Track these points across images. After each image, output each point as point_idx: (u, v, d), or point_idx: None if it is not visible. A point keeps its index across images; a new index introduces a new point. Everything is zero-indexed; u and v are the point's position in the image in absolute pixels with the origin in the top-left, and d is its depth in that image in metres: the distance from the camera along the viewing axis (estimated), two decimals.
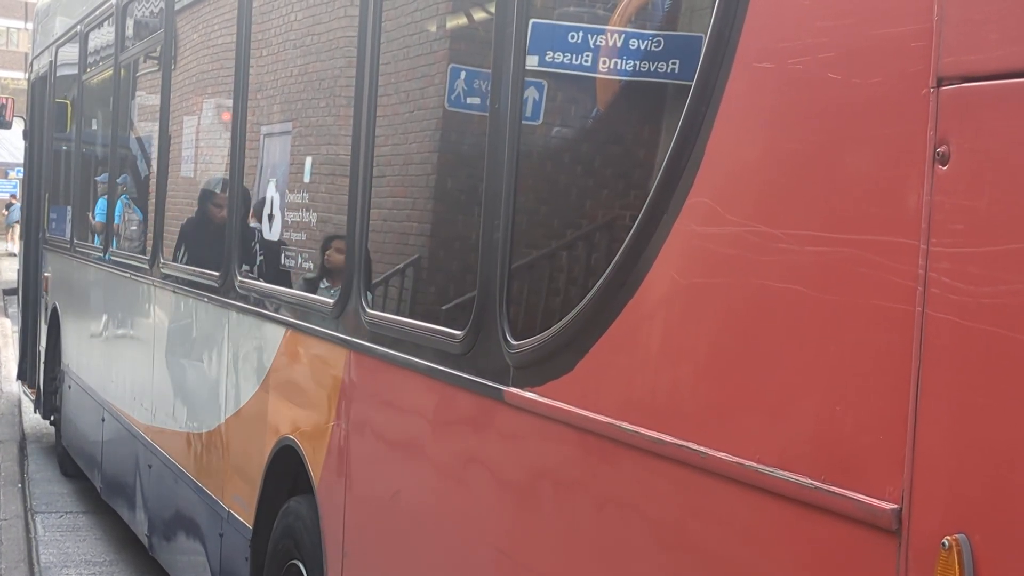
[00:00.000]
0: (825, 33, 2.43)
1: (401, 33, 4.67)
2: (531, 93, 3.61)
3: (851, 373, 2.31)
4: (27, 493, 10.24)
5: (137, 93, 8.99)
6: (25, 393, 13.30)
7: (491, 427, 3.66)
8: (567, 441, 3.22)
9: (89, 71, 10.34)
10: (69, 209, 10.87)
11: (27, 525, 9.15)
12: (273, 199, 5.80)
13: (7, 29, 65.68)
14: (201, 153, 7.34)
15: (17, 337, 14.89)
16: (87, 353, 9.94)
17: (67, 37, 11.10)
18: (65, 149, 11.58)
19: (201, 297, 6.65)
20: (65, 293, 11.03)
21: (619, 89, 3.54)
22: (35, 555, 8.51)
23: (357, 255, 4.62)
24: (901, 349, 2.17)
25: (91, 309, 9.92)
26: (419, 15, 4.66)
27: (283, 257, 5.64)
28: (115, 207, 9.17)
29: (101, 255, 9.24)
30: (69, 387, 10.51)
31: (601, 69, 3.53)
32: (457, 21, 4.52)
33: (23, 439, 12.38)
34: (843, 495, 2.28)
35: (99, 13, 9.73)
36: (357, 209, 4.66)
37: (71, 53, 10.89)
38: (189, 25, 7.58)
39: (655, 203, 2.87)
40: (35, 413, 12.45)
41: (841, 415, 2.32)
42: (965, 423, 2.07)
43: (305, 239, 5.47)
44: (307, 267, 5.41)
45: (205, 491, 6.39)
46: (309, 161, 5.63)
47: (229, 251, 6.18)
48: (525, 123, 3.61)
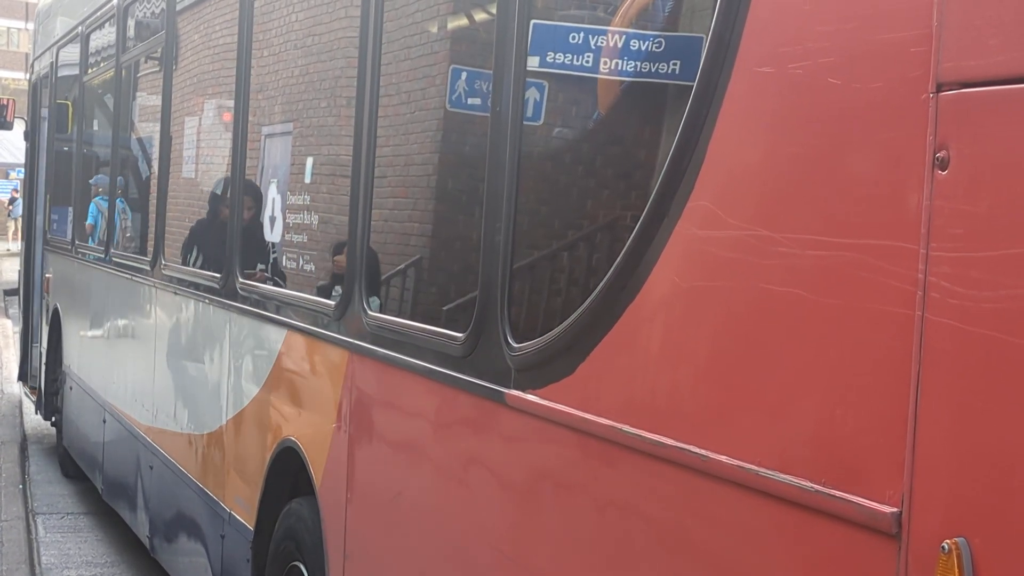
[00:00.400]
0: (825, 38, 2.44)
1: (402, 34, 4.68)
2: (532, 94, 3.61)
3: (851, 376, 2.31)
4: (28, 494, 10.24)
5: (138, 94, 8.99)
6: (26, 394, 13.30)
7: (492, 429, 3.67)
8: (568, 444, 3.22)
9: (90, 72, 10.34)
10: (70, 210, 10.87)
11: (28, 526, 9.15)
12: (274, 200, 5.81)
13: (7, 29, 65.68)
14: (202, 154, 7.34)
15: (18, 338, 14.89)
16: (88, 354, 9.94)
17: (68, 38, 11.10)
18: (66, 150, 11.59)
19: (202, 299, 6.66)
20: (66, 294, 11.04)
21: (620, 90, 3.55)
22: (36, 556, 8.51)
23: (358, 257, 4.63)
24: (901, 353, 2.18)
25: (92, 310, 9.93)
26: (420, 16, 4.67)
27: (285, 258, 5.65)
28: (114, 208, 9.18)
29: (102, 256, 9.24)
30: (70, 388, 10.51)
31: (602, 70, 3.53)
32: (458, 22, 4.52)
33: (24, 440, 12.39)
34: (843, 498, 2.29)
35: (100, 14, 9.73)
36: (358, 210, 4.66)
37: (72, 54, 10.89)
38: (190, 26, 7.59)
39: (656, 206, 2.87)
40: (36, 414, 12.45)
41: (841, 418, 2.32)
42: (965, 427, 2.08)
43: (307, 240, 5.47)
44: (318, 272, 5.39)
45: (206, 492, 6.40)
46: (310, 162, 5.64)
47: (230, 252, 6.19)
48: (526, 124, 3.62)
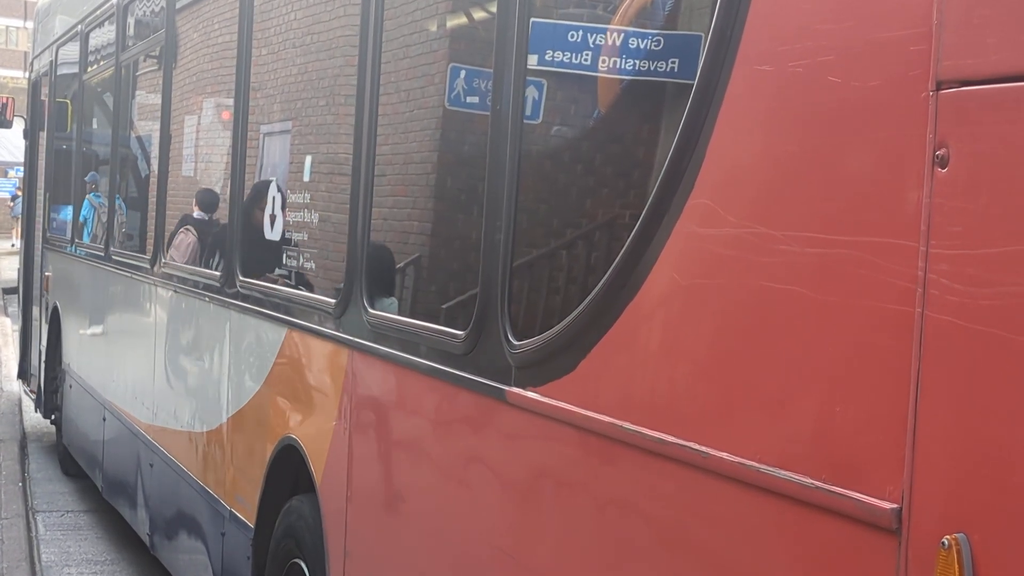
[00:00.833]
0: (825, 36, 2.44)
1: (401, 32, 4.68)
2: (532, 92, 3.62)
3: (851, 374, 2.32)
4: (28, 492, 10.24)
5: (138, 92, 9.00)
6: (26, 392, 13.31)
7: (493, 427, 3.67)
8: (569, 441, 3.23)
9: (90, 70, 10.35)
10: (70, 208, 10.88)
11: (28, 524, 9.15)
12: (275, 198, 5.81)
13: (7, 28, 65.64)
14: (202, 152, 7.35)
15: (17, 336, 14.89)
16: (88, 352, 9.94)
17: (68, 36, 11.11)
18: (66, 148, 11.59)
19: (202, 296, 6.66)
20: (66, 292, 11.04)
21: (620, 89, 3.56)
22: (36, 554, 8.52)
23: (358, 255, 4.63)
24: (901, 350, 2.19)
25: (92, 308, 9.93)
26: (419, 14, 4.68)
27: (285, 256, 5.65)
28: (113, 206, 9.19)
29: (102, 254, 9.25)
30: (70, 386, 10.51)
31: (602, 69, 3.54)
32: (457, 20, 4.53)
33: (24, 438, 12.39)
34: (843, 495, 2.30)
35: (100, 12, 9.73)
36: (358, 209, 4.67)
37: (72, 52, 10.90)
38: (190, 24, 7.59)
39: (656, 204, 2.88)
40: (36, 412, 12.45)
41: (841, 415, 2.33)
42: (965, 423, 2.09)
43: (307, 238, 5.48)
44: (319, 270, 5.38)
45: (207, 490, 6.40)
46: (310, 160, 5.64)
47: (230, 250, 6.20)
48: (526, 123, 3.62)
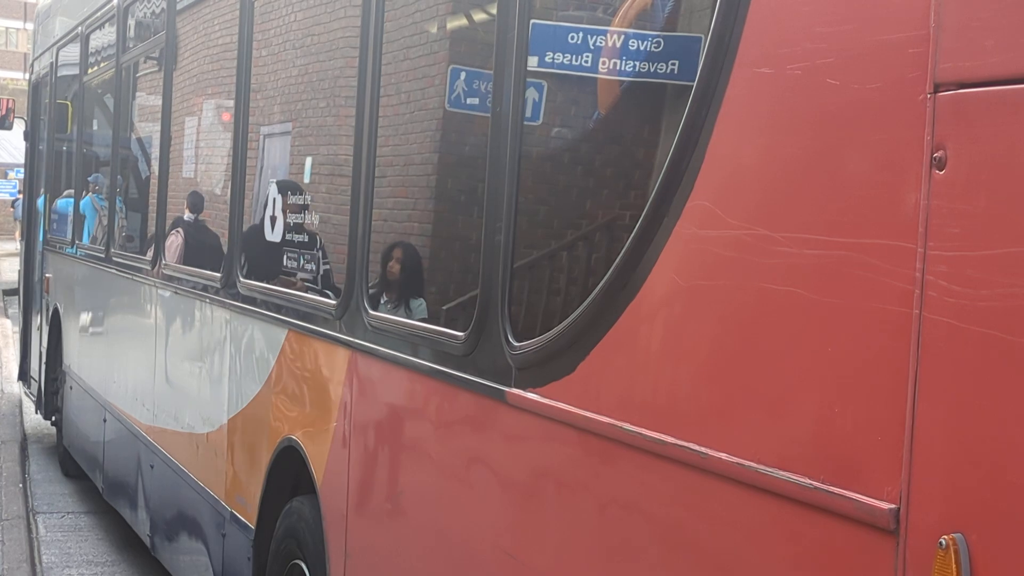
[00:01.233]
0: (824, 38, 2.46)
1: (402, 34, 4.69)
2: (532, 94, 3.63)
3: (850, 375, 2.33)
4: (29, 493, 10.25)
5: (138, 94, 9.01)
6: (26, 393, 13.31)
7: (493, 428, 3.68)
8: (569, 442, 3.24)
9: (90, 72, 10.36)
10: (71, 210, 10.89)
11: (29, 525, 9.16)
12: (275, 200, 5.82)
13: (6, 29, 65.63)
14: (202, 154, 7.36)
15: (18, 337, 14.90)
16: (88, 354, 9.95)
17: (68, 38, 11.12)
18: (66, 150, 11.60)
19: (203, 298, 6.67)
20: (66, 294, 11.05)
21: (620, 90, 3.56)
22: (37, 555, 8.53)
23: (359, 256, 4.65)
24: (899, 351, 2.20)
25: (92, 310, 9.94)
26: (420, 16, 4.69)
27: (285, 258, 5.66)
28: (114, 207, 9.20)
29: (102, 256, 9.26)
30: (70, 388, 10.52)
31: (602, 70, 3.55)
32: (457, 22, 4.54)
33: (24, 439, 12.40)
34: (842, 495, 2.31)
35: (100, 14, 9.74)
36: (359, 210, 4.68)
37: (72, 54, 10.91)
38: (190, 26, 7.60)
39: (656, 205, 2.89)
40: (36, 413, 12.45)
41: (840, 416, 2.34)
42: (962, 424, 2.10)
43: (307, 240, 5.49)
44: (319, 271, 5.37)
45: (207, 491, 6.41)
46: (310, 162, 5.65)
47: (231, 252, 6.21)
48: (526, 124, 3.63)
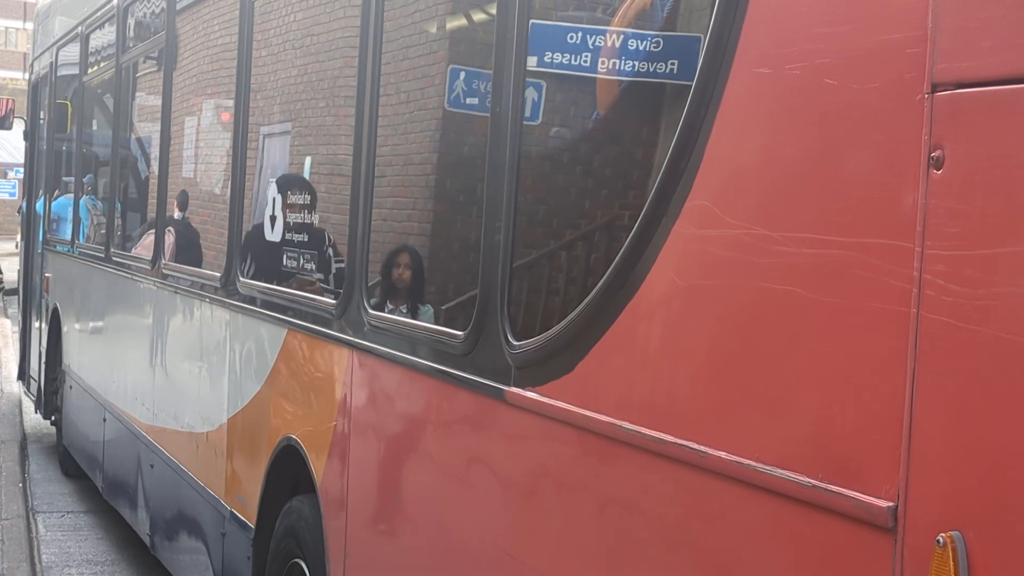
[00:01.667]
0: (823, 39, 2.46)
1: (401, 34, 4.70)
2: (531, 94, 3.64)
3: (848, 373, 2.34)
4: (28, 493, 10.26)
5: (138, 94, 9.02)
6: (26, 393, 13.32)
7: (492, 427, 3.69)
8: (568, 441, 3.25)
9: (90, 72, 10.36)
10: (69, 209, 10.90)
11: (28, 525, 9.17)
12: (275, 199, 5.83)
13: (6, 29, 65.62)
14: (202, 154, 7.37)
15: (17, 337, 14.90)
16: (88, 353, 9.96)
17: (68, 38, 11.12)
18: (66, 150, 11.61)
19: (203, 297, 6.68)
20: (66, 293, 11.06)
21: (619, 90, 3.57)
22: (37, 555, 8.53)
23: (359, 256, 4.65)
24: (897, 350, 2.21)
25: (92, 309, 9.95)
26: (419, 16, 4.69)
27: (285, 257, 5.67)
28: (114, 207, 9.20)
29: (102, 255, 9.26)
30: (70, 387, 10.53)
31: (601, 70, 3.56)
32: (457, 22, 4.54)
33: (24, 439, 12.40)
34: (840, 493, 2.32)
35: (100, 14, 9.75)
36: (359, 210, 4.69)
37: (72, 54, 10.91)
38: (190, 26, 7.61)
39: (655, 205, 2.90)
40: (36, 413, 12.46)
41: (838, 415, 2.35)
42: (959, 422, 2.11)
43: (307, 239, 5.49)
44: (319, 271, 5.37)
45: (207, 490, 6.42)
46: (310, 161, 5.66)
47: (231, 251, 6.21)
48: (526, 124, 3.64)
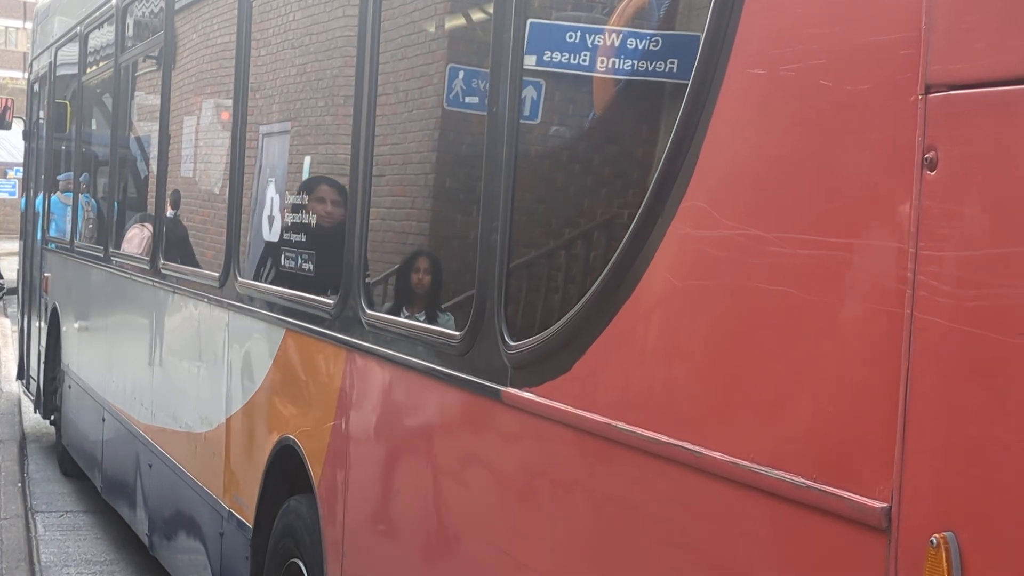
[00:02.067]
0: (817, 40, 2.47)
1: (400, 33, 4.70)
2: (527, 93, 3.64)
3: (842, 374, 2.34)
4: (27, 492, 10.26)
5: (137, 93, 9.02)
6: (25, 393, 13.32)
7: (489, 427, 3.69)
8: (564, 441, 3.25)
9: (89, 72, 10.36)
10: (68, 209, 10.90)
11: (27, 524, 9.17)
12: (273, 199, 5.83)
13: (6, 29, 65.63)
14: (201, 153, 7.37)
15: (17, 337, 14.90)
16: (87, 353, 9.96)
17: (67, 38, 11.12)
18: (65, 149, 11.61)
19: (201, 297, 6.68)
20: (65, 293, 11.06)
21: (616, 90, 3.57)
22: (35, 554, 8.54)
23: (356, 256, 4.66)
24: (890, 350, 2.21)
25: (91, 309, 9.95)
26: (418, 15, 4.70)
27: (283, 257, 5.67)
28: (113, 206, 9.21)
29: (101, 255, 9.26)
30: (69, 387, 10.53)
31: (598, 69, 3.56)
32: (456, 21, 4.55)
33: (23, 439, 12.40)
34: (834, 494, 2.32)
35: (99, 14, 9.75)
36: (357, 209, 4.69)
37: (71, 54, 10.92)
38: (189, 25, 7.61)
39: (651, 205, 2.90)
40: (35, 413, 12.46)
41: (832, 415, 2.35)
42: (953, 423, 2.11)
43: (305, 240, 5.50)
44: (317, 271, 5.36)
45: (205, 490, 6.42)
46: (308, 161, 5.66)
47: (229, 251, 6.22)
48: (522, 124, 3.64)
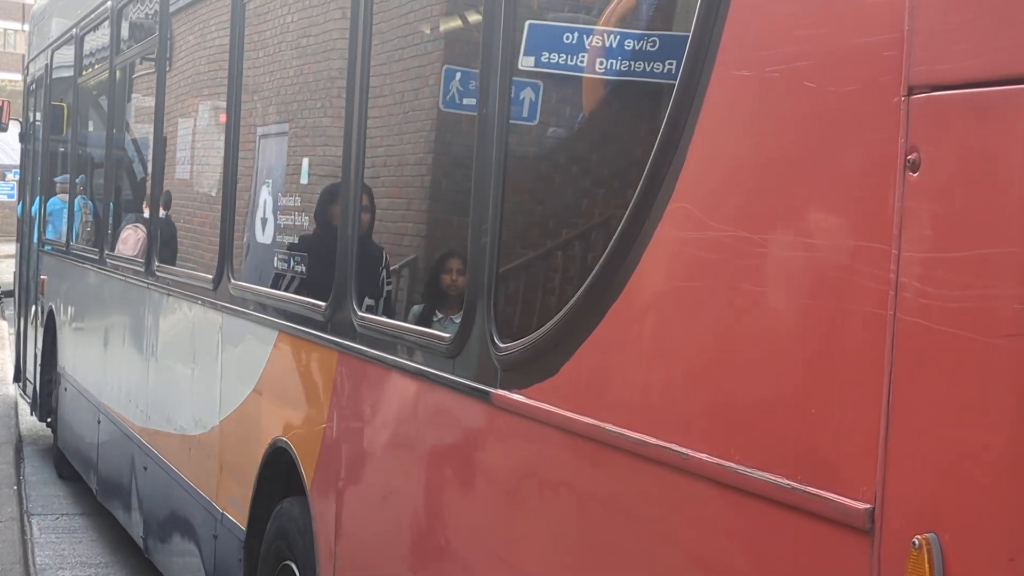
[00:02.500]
0: (802, 41, 2.47)
1: (395, 34, 4.71)
2: (520, 94, 3.64)
3: (825, 376, 2.35)
4: (23, 495, 10.25)
5: (132, 95, 9.02)
6: (22, 395, 13.32)
7: (479, 429, 3.70)
8: (553, 442, 3.25)
9: (85, 73, 10.37)
10: (64, 211, 10.90)
11: (23, 527, 9.17)
12: (266, 201, 5.84)
13: (4, 31, 65.63)
14: (196, 155, 7.37)
15: (13, 339, 14.90)
16: (83, 355, 9.96)
17: (63, 40, 11.13)
18: (61, 151, 11.61)
19: (195, 299, 6.69)
20: (61, 296, 11.06)
21: (605, 91, 3.58)
22: (31, 557, 8.53)
23: (349, 258, 4.66)
24: (874, 352, 2.21)
25: (87, 312, 9.95)
26: (413, 16, 4.70)
27: (276, 259, 5.68)
28: (108, 209, 9.21)
29: (97, 258, 9.27)
30: (65, 389, 10.53)
31: (589, 71, 3.56)
32: (451, 22, 4.55)
33: (19, 441, 12.40)
34: (818, 495, 2.32)
35: (94, 16, 9.76)
36: (349, 211, 4.69)
37: (67, 56, 10.92)
38: (184, 27, 7.61)
39: (638, 207, 2.90)
40: (31, 415, 12.46)
41: (816, 417, 2.36)
42: (936, 425, 2.11)
43: (298, 242, 5.50)
44: (310, 274, 5.35)
45: (199, 493, 6.42)
46: (302, 163, 5.66)
47: (222, 253, 6.22)
48: (512, 125, 3.64)
